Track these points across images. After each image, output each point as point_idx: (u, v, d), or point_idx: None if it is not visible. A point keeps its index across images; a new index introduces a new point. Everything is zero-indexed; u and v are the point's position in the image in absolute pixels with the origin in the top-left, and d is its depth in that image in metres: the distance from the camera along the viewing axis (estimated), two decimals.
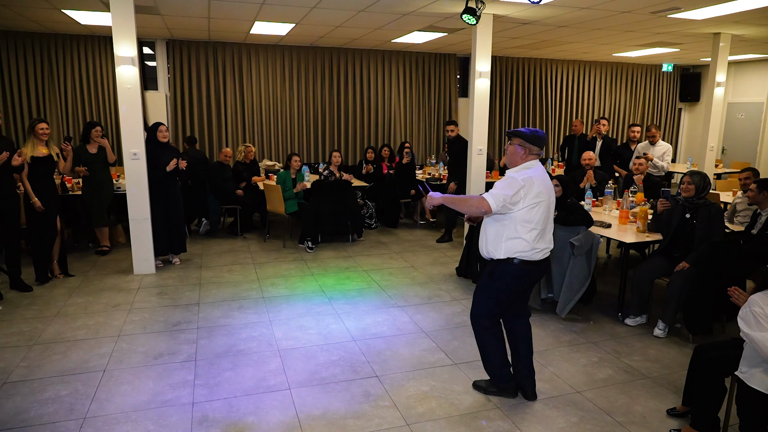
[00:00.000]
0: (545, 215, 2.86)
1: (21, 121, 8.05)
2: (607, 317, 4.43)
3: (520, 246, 2.85)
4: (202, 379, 3.34)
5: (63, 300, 4.68)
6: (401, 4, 5.93)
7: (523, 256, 2.87)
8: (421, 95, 10.13)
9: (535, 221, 2.83)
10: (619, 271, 5.13)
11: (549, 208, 2.90)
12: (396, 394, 3.18)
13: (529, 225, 2.82)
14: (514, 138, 2.90)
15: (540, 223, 2.85)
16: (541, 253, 2.91)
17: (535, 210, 2.81)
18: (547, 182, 2.90)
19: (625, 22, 6.75)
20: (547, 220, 2.90)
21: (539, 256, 2.91)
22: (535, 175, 2.83)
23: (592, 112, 11.36)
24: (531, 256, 2.87)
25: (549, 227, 2.94)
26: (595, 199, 5.58)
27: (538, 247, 2.88)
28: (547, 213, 2.87)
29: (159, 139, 5.51)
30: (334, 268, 5.74)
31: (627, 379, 3.40)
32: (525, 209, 2.80)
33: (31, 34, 7.86)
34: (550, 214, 2.92)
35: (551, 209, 2.93)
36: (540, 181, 2.83)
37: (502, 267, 2.92)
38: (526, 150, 2.88)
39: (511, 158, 2.92)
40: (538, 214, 2.82)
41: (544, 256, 2.94)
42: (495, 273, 2.96)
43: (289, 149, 9.37)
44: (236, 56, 8.89)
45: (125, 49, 5.12)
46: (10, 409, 2.97)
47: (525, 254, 2.86)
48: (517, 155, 2.89)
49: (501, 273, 2.93)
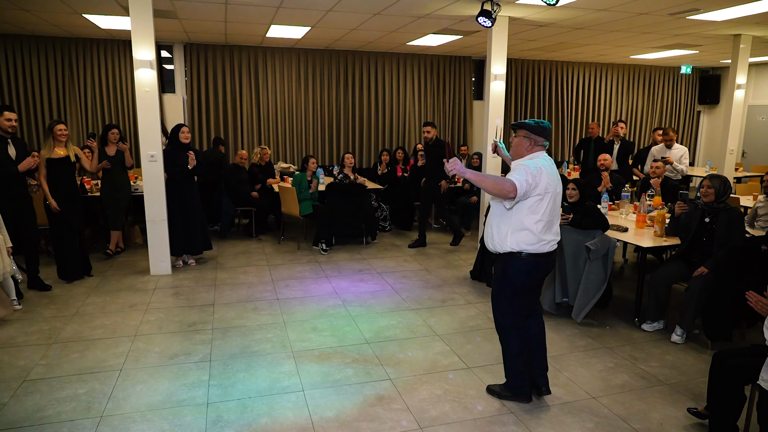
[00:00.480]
0: (552, 206, 2.84)
1: (42, 123, 8.20)
2: (623, 322, 4.37)
3: (526, 238, 2.83)
4: (217, 379, 3.36)
5: (81, 299, 4.75)
6: (416, 6, 5.93)
7: (530, 249, 2.85)
8: (435, 98, 10.12)
9: (542, 212, 2.81)
10: (635, 276, 5.07)
11: (556, 199, 2.87)
12: (409, 398, 3.17)
13: (536, 216, 2.81)
14: (519, 130, 2.88)
15: (546, 215, 2.82)
16: (548, 245, 2.89)
17: (542, 201, 2.79)
18: (554, 173, 2.86)
19: (643, 23, 6.67)
20: (554, 211, 2.88)
21: (547, 248, 2.89)
22: (544, 165, 2.81)
23: (609, 115, 11.25)
24: (538, 249, 2.86)
25: (556, 219, 2.92)
26: (612, 202, 5.52)
27: (545, 239, 2.86)
28: (553, 204, 2.85)
29: (181, 140, 5.57)
30: (347, 270, 5.75)
31: (644, 386, 3.36)
32: (532, 199, 2.78)
33: (53, 38, 8.01)
34: (556, 205, 2.90)
35: (558, 201, 2.91)
36: (548, 171, 2.81)
37: (512, 262, 2.91)
38: (532, 141, 2.86)
39: (517, 150, 2.90)
40: (544, 205, 2.80)
41: (552, 248, 2.93)
42: (507, 270, 2.95)
43: (303, 152, 9.42)
44: (252, 59, 8.97)
45: (144, 53, 5.20)
46: (29, 407, 3.02)
47: (532, 246, 2.85)
48: (523, 147, 2.87)
49: (512, 268, 2.92)
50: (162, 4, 5.82)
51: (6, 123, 4.60)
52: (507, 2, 5.74)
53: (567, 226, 4.27)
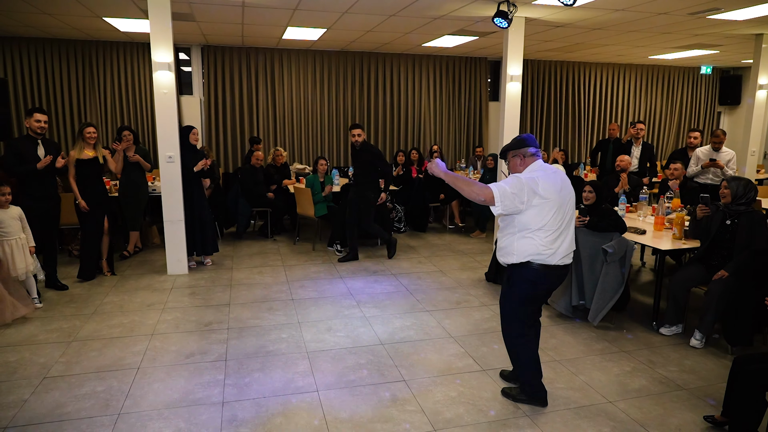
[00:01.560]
0: (555, 215, 2.78)
1: (64, 124, 8.35)
2: (641, 326, 4.31)
3: (532, 248, 2.81)
4: (232, 378, 3.39)
5: (100, 298, 4.82)
6: (432, 8, 5.92)
7: (539, 260, 2.82)
8: (451, 99, 10.10)
9: (545, 222, 2.77)
10: (653, 279, 5.00)
11: (561, 207, 2.80)
12: (423, 399, 3.17)
13: (536, 226, 2.77)
14: (507, 154, 2.96)
15: (551, 225, 2.78)
16: (557, 257, 2.83)
17: (544, 209, 2.75)
18: (556, 180, 2.81)
19: (662, 23, 6.59)
20: (562, 221, 2.81)
21: (556, 260, 2.83)
22: (540, 176, 2.77)
23: (627, 116, 11.12)
24: (547, 260, 2.82)
25: (566, 229, 2.85)
26: (630, 204, 5.45)
27: (553, 249, 2.81)
28: (557, 213, 2.78)
29: (191, 141, 5.64)
30: (362, 271, 5.76)
31: (662, 390, 3.31)
32: (532, 210, 2.76)
33: (74, 41, 8.15)
34: (564, 214, 2.82)
35: (566, 208, 2.84)
36: (545, 180, 2.77)
37: (520, 272, 2.89)
38: (519, 156, 2.90)
39: (514, 171, 2.94)
40: (547, 215, 2.76)
41: (563, 262, 2.87)
42: (512, 278, 2.95)
43: (319, 153, 9.46)
44: (268, 61, 9.03)
45: (162, 55, 5.26)
46: (49, 403, 3.07)
47: (541, 257, 2.81)
48: (517, 165, 2.92)
49: (519, 278, 2.91)
50: (180, 7, 5.90)
51: (36, 124, 4.69)
52: (523, 3, 5.71)
53: (583, 228, 4.23)
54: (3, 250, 4.35)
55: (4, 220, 4.37)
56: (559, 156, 7.90)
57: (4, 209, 4.40)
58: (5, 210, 4.41)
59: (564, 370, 3.54)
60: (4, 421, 2.88)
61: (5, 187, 4.40)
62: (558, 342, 3.98)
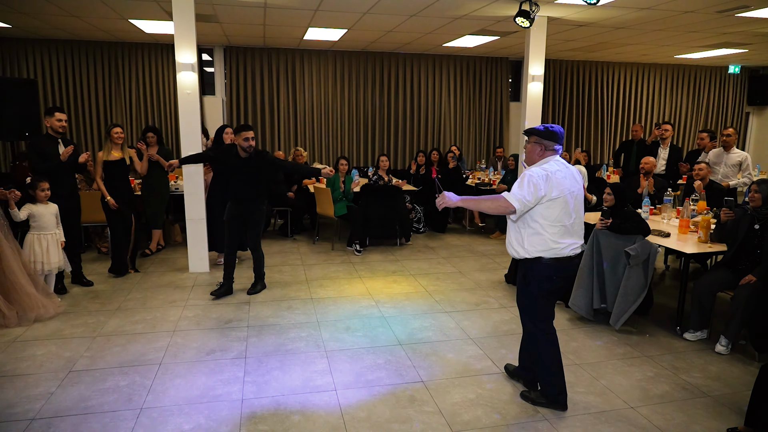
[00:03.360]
0: (566, 209, 2.82)
1: (90, 125, 8.53)
2: (664, 331, 4.24)
3: (543, 243, 2.85)
4: (252, 376, 3.42)
5: (124, 295, 4.91)
6: (453, 8, 5.90)
7: (550, 254, 2.86)
8: (471, 99, 10.05)
9: (555, 216, 2.81)
10: (677, 283, 4.91)
11: (571, 201, 2.85)
12: (441, 401, 3.16)
13: (548, 220, 2.82)
14: (531, 136, 2.94)
15: (561, 218, 2.82)
16: (569, 249, 2.88)
17: (554, 205, 2.79)
18: (566, 176, 2.85)
19: (688, 22, 6.46)
20: (571, 214, 2.86)
21: (567, 252, 2.87)
22: (551, 170, 2.81)
23: (651, 117, 10.93)
24: (558, 253, 2.85)
25: (576, 221, 2.90)
26: (653, 206, 5.35)
27: (564, 243, 2.85)
28: (567, 207, 2.83)
29: (225, 140, 5.71)
30: (381, 271, 5.76)
31: (685, 397, 3.24)
32: (543, 206, 2.80)
33: (100, 43, 8.33)
34: (573, 207, 2.87)
35: (576, 203, 2.88)
36: (558, 175, 2.81)
37: (533, 267, 2.93)
38: (542, 146, 2.90)
39: (529, 156, 2.95)
40: (557, 209, 2.80)
41: (574, 252, 2.91)
42: (528, 275, 2.98)
43: (339, 153, 9.49)
44: (290, 62, 9.10)
45: (186, 56, 5.34)
46: (74, 396, 3.14)
47: (551, 251, 2.85)
48: (535, 153, 2.92)
49: (533, 274, 2.94)
50: (204, 9, 5.98)
51: (57, 123, 4.81)
52: (546, 2, 5.66)
53: (606, 230, 4.17)
54: (40, 244, 4.47)
55: (44, 215, 4.50)
56: (581, 157, 7.80)
57: (43, 205, 4.52)
58: (45, 205, 4.52)
59: (584, 374, 3.50)
60: (32, 413, 2.95)
61: (44, 183, 4.53)
62: (578, 345, 3.93)
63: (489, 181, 7.92)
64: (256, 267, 5.06)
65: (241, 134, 4.64)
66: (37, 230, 4.50)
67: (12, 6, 5.96)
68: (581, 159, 7.75)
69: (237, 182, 4.77)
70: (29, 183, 4.60)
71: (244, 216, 4.85)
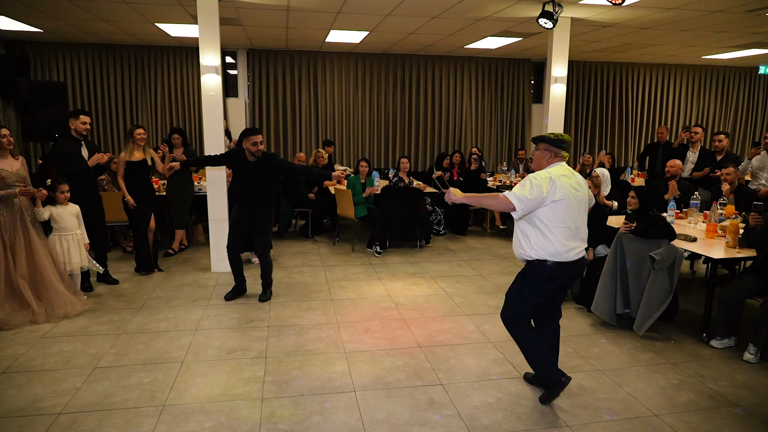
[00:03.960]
0: (570, 212, 2.88)
1: (117, 126, 8.72)
2: (690, 337, 4.14)
3: (548, 245, 2.89)
4: (272, 376, 3.45)
5: (148, 293, 5.00)
6: (475, 9, 5.88)
7: (554, 257, 2.90)
8: (493, 101, 9.99)
9: (559, 219, 2.86)
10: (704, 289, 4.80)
11: (576, 205, 2.90)
12: (461, 404, 3.14)
13: (553, 221, 2.87)
14: (540, 143, 3.02)
15: (566, 221, 2.87)
16: (573, 253, 2.92)
17: (557, 207, 2.85)
18: (571, 182, 2.91)
19: (716, 22, 6.33)
20: (576, 217, 2.92)
21: (571, 256, 2.92)
22: (556, 173, 2.88)
23: (678, 119, 10.72)
24: (562, 257, 2.90)
25: (581, 226, 2.96)
26: (679, 210, 5.25)
27: (569, 246, 2.89)
28: (571, 210, 2.88)
29: None
30: (401, 273, 5.76)
31: (711, 406, 3.17)
32: (547, 207, 2.86)
33: (127, 46, 8.51)
34: (577, 211, 2.92)
35: (580, 206, 2.94)
36: (561, 179, 2.87)
37: (535, 268, 2.97)
38: (552, 153, 2.98)
39: (537, 162, 3.03)
40: (561, 211, 2.85)
41: (578, 256, 2.95)
42: (527, 274, 3.02)
43: (360, 154, 9.53)
44: (312, 64, 9.17)
45: (210, 59, 5.42)
46: (99, 392, 3.20)
47: (557, 254, 2.89)
48: (543, 159, 3.00)
49: (533, 274, 2.99)
50: (228, 12, 6.06)
51: (82, 126, 4.92)
52: (569, 3, 5.60)
53: (629, 234, 4.10)
54: (61, 245, 4.58)
55: (64, 216, 4.61)
56: (606, 159, 7.68)
57: (63, 206, 4.64)
58: (64, 207, 4.64)
59: (607, 380, 3.44)
60: (58, 407, 3.02)
61: (64, 185, 4.64)
62: (601, 351, 3.87)
63: (510, 183, 7.85)
64: (264, 274, 4.89)
65: (249, 138, 4.42)
66: (59, 231, 4.60)
67: (44, 11, 6.13)
68: (605, 161, 7.63)
69: (244, 187, 4.59)
70: (49, 185, 4.72)
71: (250, 222, 4.67)
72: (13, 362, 3.57)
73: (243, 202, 4.64)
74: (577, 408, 3.10)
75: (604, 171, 6.07)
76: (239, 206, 4.67)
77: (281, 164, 4.78)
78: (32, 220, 4.33)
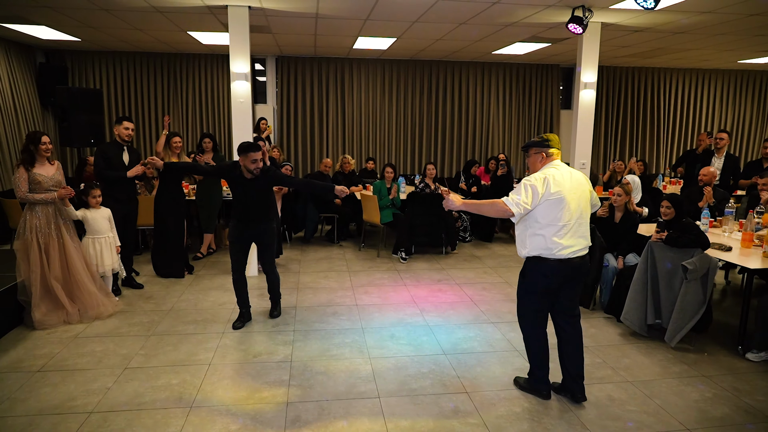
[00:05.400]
0: (566, 210, 2.92)
1: (150, 132, 8.94)
2: (724, 350, 4.01)
3: (542, 243, 2.95)
4: (297, 380, 3.47)
5: (176, 296, 5.09)
6: (504, 15, 5.85)
7: (547, 254, 2.96)
8: (521, 107, 9.91)
9: (553, 217, 2.91)
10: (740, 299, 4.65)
11: (572, 203, 2.94)
12: (486, 413, 3.10)
13: (546, 220, 2.92)
14: (530, 149, 3.12)
15: (560, 219, 2.92)
16: (568, 251, 2.95)
17: (552, 206, 2.90)
18: (568, 179, 2.96)
19: (753, 25, 6.15)
20: (572, 216, 2.94)
21: (566, 254, 2.95)
22: (550, 173, 2.95)
23: (712, 125, 10.44)
24: (557, 254, 2.94)
25: (577, 224, 2.98)
26: (714, 219, 5.10)
27: (563, 244, 2.93)
28: (568, 207, 2.92)
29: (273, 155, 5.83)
30: (426, 279, 5.74)
31: (748, 421, 3.06)
32: (542, 205, 2.92)
33: (160, 54, 8.73)
34: (575, 210, 2.95)
35: (578, 205, 2.97)
36: (555, 177, 2.93)
37: (532, 265, 3.05)
38: (542, 154, 3.06)
39: (533, 167, 3.12)
40: (555, 209, 2.91)
41: (574, 254, 2.98)
42: (525, 272, 3.12)
43: (386, 160, 9.55)
44: (339, 70, 9.25)
45: (240, 66, 5.52)
46: (129, 392, 3.27)
47: (550, 251, 2.95)
48: (537, 162, 3.09)
49: (531, 271, 3.07)
50: (258, 20, 6.16)
51: (124, 132, 5.05)
52: (600, 8, 5.52)
53: (661, 243, 4.01)
54: (94, 247, 4.71)
55: (96, 219, 4.74)
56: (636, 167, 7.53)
57: (96, 209, 4.77)
58: (97, 210, 4.77)
59: (637, 392, 3.36)
60: (90, 406, 3.10)
61: (96, 190, 4.77)
62: (631, 362, 3.78)
63: None
64: (272, 290, 4.59)
65: (248, 155, 4.00)
66: (91, 234, 4.73)
67: (84, 21, 6.34)
68: (636, 169, 7.48)
69: (242, 202, 4.22)
70: (82, 189, 4.85)
71: (252, 239, 4.37)
72: (48, 361, 3.68)
73: (242, 219, 4.27)
74: (606, 419, 3.03)
75: (635, 178, 5.95)
76: (238, 222, 4.29)
77: (280, 179, 4.36)
78: (66, 223, 4.46)
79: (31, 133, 4.32)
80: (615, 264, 4.64)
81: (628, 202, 4.75)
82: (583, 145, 6.30)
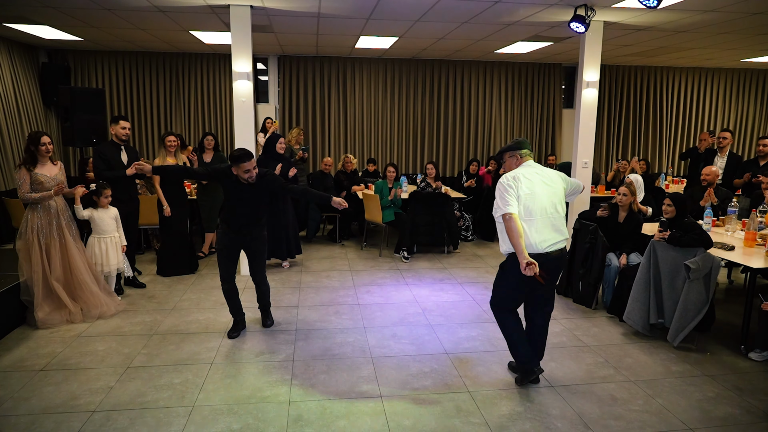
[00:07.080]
0: (539, 205, 3.08)
1: (152, 131, 8.95)
2: (727, 349, 4.01)
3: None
4: (299, 379, 3.47)
5: (179, 296, 5.10)
6: (506, 14, 5.84)
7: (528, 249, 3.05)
8: (523, 106, 9.89)
9: (525, 211, 3.07)
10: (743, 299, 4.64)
11: (544, 198, 3.11)
12: (488, 412, 3.10)
13: (520, 216, 3.06)
14: (504, 154, 3.34)
15: (530, 214, 3.07)
16: (545, 245, 3.10)
17: (524, 201, 3.07)
18: (538, 176, 3.15)
19: (756, 24, 6.13)
20: (546, 211, 3.11)
21: (544, 248, 3.10)
22: (519, 172, 3.16)
23: (714, 124, 10.41)
24: (532, 249, 3.07)
25: (552, 217, 3.13)
26: (716, 218, 5.09)
27: (537, 239, 3.08)
28: (540, 203, 3.09)
29: (277, 150, 5.84)
30: (428, 279, 5.74)
31: (750, 421, 3.05)
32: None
33: (162, 53, 8.73)
34: (548, 205, 3.12)
35: (551, 200, 3.13)
36: (525, 175, 3.13)
37: (512, 260, 3.16)
38: (516, 156, 3.27)
39: (509, 169, 3.29)
40: (528, 205, 3.07)
41: (550, 248, 3.13)
42: (506, 264, 3.25)
43: (389, 159, 9.54)
44: (341, 70, 9.25)
45: (242, 65, 5.52)
46: (132, 391, 3.28)
47: (530, 247, 3.07)
48: (512, 165, 3.29)
49: (510, 265, 3.19)
50: (260, 19, 6.16)
51: (121, 131, 5.06)
52: (602, 6, 5.51)
53: (663, 242, 4.00)
54: (99, 246, 4.72)
55: (104, 219, 4.75)
56: (638, 166, 7.52)
57: (104, 209, 4.77)
58: (104, 210, 4.78)
59: (639, 391, 3.36)
60: (92, 405, 3.11)
61: (107, 190, 4.78)
62: (633, 361, 3.78)
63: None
64: (262, 299, 4.40)
65: (241, 166, 3.75)
66: (98, 233, 4.74)
67: (87, 21, 6.35)
68: (637, 168, 7.47)
69: (233, 207, 4.00)
70: (94, 189, 4.86)
71: (242, 246, 4.14)
72: (51, 360, 3.69)
73: (232, 224, 4.03)
74: (608, 419, 3.03)
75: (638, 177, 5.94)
76: (227, 227, 4.06)
77: (278, 187, 4.04)
78: (68, 224, 4.47)
79: (31, 134, 4.33)
80: (617, 263, 4.63)
81: (632, 201, 4.74)
82: (586, 145, 6.29)
